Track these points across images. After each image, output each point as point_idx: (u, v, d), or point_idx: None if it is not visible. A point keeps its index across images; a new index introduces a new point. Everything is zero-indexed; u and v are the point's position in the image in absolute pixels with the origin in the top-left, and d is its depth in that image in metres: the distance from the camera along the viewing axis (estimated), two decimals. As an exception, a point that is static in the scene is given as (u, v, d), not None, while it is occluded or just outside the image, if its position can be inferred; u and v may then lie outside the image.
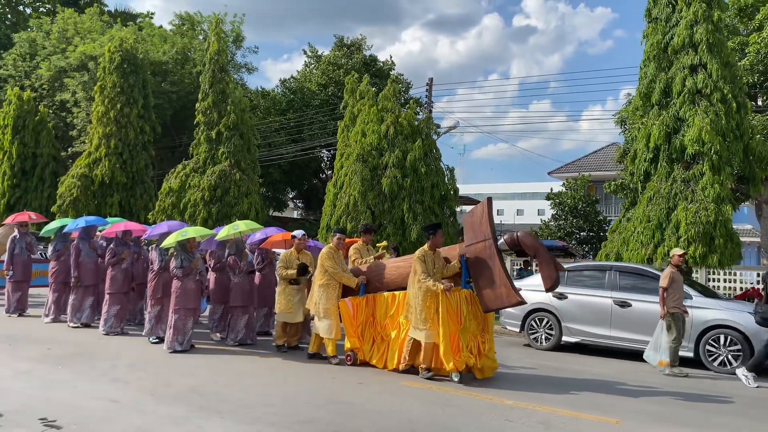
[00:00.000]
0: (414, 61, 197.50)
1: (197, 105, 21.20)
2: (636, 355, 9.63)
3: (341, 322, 8.28)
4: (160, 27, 30.70)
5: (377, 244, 9.48)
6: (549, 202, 27.29)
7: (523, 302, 7.35)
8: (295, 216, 40.62)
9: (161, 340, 9.21)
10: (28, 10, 36.19)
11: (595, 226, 25.92)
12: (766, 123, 17.63)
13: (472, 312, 7.48)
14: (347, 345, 8.24)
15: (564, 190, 27.14)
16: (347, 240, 10.21)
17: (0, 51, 31.09)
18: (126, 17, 34.20)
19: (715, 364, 9.13)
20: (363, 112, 16.77)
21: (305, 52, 33.63)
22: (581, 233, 25.76)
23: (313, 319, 8.76)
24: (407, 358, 7.72)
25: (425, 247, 7.72)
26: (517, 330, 11.17)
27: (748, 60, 17.55)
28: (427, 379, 7.42)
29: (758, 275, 15.78)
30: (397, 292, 8.05)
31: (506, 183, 72.59)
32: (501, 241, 7.70)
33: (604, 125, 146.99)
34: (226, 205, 19.79)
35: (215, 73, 20.98)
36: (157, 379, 6.99)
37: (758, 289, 14.68)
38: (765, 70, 17.79)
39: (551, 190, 28.08)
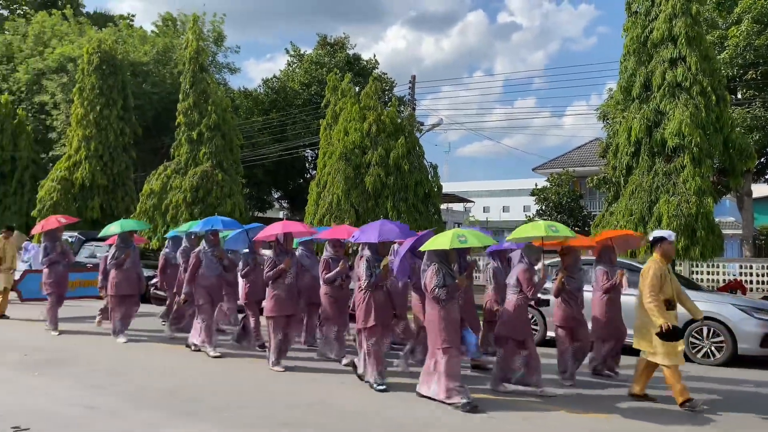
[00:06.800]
0: (399, 59, 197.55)
1: (178, 105, 20.97)
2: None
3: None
4: (141, 28, 30.40)
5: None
6: (534, 199, 27.39)
7: None
8: (280, 216, 40.40)
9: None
10: (5, 12, 35.68)
11: (580, 221, 26.04)
12: (745, 116, 17.82)
13: None
14: None
15: (548, 186, 27.23)
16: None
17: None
18: (104, 19, 33.81)
19: (699, 356, 9.15)
20: (345, 111, 16.66)
21: (288, 51, 33.51)
22: (566, 228, 25.88)
23: None
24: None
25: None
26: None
27: (727, 53, 17.72)
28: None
29: (740, 267, 15.92)
30: None
31: (492, 180, 72.81)
32: None
33: (587, 121, 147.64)
34: (209, 206, 19.56)
35: (195, 73, 20.73)
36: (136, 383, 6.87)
37: (740, 280, 14.82)
38: (744, 64, 17.98)
39: (536, 186, 28.16)
